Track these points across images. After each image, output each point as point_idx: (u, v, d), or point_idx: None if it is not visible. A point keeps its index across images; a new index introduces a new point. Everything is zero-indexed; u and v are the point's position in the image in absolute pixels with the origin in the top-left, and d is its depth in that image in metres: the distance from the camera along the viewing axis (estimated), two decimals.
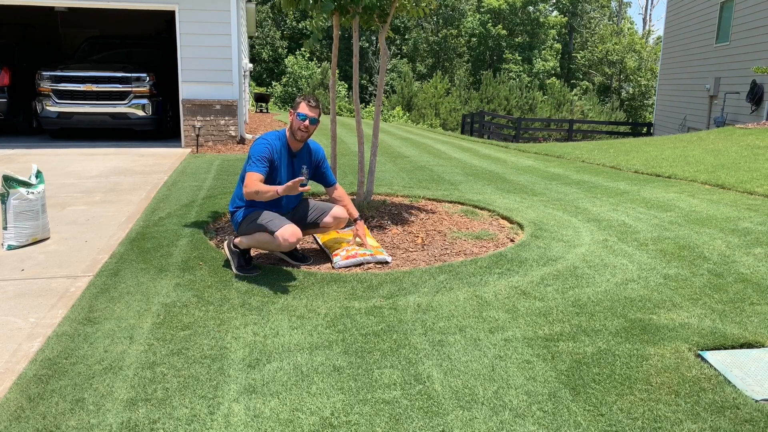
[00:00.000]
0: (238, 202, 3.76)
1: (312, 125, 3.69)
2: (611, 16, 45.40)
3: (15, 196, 4.15)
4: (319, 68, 30.19)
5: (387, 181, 6.76)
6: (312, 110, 3.68)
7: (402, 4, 4.82)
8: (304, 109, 3.67)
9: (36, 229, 4.27)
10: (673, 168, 7.70)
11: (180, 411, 2.21)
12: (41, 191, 4.31)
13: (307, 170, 3.87)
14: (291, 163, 3.78)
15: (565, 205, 5.69)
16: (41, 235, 4.33)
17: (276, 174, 3.70)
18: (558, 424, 2.15)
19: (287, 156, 3.76)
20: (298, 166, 3.82)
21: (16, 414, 2.18)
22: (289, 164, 3.77)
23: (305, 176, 3.83)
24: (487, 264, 3.83)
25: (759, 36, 12.80)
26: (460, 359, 2.60)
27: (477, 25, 40.18)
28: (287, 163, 3.76)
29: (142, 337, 2.79)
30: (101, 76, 9.53)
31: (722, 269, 3.76)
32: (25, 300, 3.26)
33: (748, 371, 2.51)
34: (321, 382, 2.42)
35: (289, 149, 3.77)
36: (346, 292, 3.36)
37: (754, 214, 5.11)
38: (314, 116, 3.68)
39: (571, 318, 3.03)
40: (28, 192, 4.21)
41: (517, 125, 19.88)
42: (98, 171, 7.28)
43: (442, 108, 28.50)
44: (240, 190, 3.71)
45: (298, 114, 3.67)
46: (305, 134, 3.71)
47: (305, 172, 3.85)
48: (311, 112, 3.67)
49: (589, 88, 37.13)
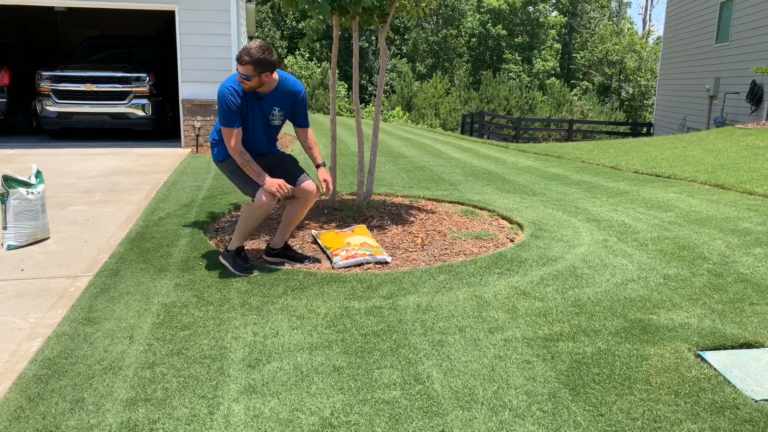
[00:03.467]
0: (217, 135, 3.74)
1: (249, 81, 3.52)
2: (611, 16, 45.39)
3: (15, 196, 4.15)
4: (319, 68, 30.19)
5: (387, 181, 6.76)
6: (243, 68, 3.47)
7: (402, 4, 4.82)
8: (239, 68, 3.51)
9: (36, 229, 4.27)
10: (672, 168, 7.70)
11: (180, 411, 2.21)
12: (41, 191, 4.31)
13: (280, 111, 3.74)
14: (259, 106, 3.66)
15: (564, 205, 5.69)
16: (41, 235, 4.33)
17: (243, 119, 3.61)
18: (558, 424, 2.15)
19: (254, 100, 3.64)
20: (268, 108, 3.69)
21: (15, 414, 2.18)
22: (256, 107, 3.65)
23: (278, 118, 3.73)
24: (486, 264, 3.84)
25: (759, 36, 12.80)
26: (460, 359, 2.61)
27: (477, 25, 40.17)
28: (254, 106, 3.65)
29: (141, 337, 2.79)
30: (101, 76, 9.53)
31: (722, 269, 3.76)
32: (25, 300, 3.26)
33: (748, 371, 2.51)
34: (321, 382, 2.42)
35: (255, 92, 3.64)
36: (346, 292, 3.36)
37: (753, 215, 5.11)
38: (245, 74, 3.48)
39: (571, 318, 3.03)
40: (28, 192, 4.21)
41: (516, 125, 19.88)
42: (98, 171, 7.27)
43: (442, 108, 28.49)
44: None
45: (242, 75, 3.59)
46: (246, 87, 3.57)
47: (277, 113, 3.73)
48: (243, 71, 3.49)
49: (588, 88, 37.12)
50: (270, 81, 3.61)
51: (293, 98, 3.79)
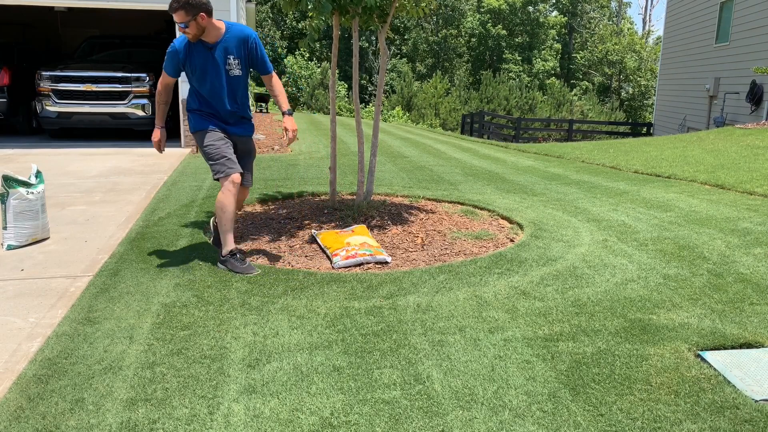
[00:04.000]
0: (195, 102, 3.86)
1: (187, 29, 3.59)
2: (611, 16, 45.39)
3: (15, 196, 4.15)
4: (318, 68, 30.18)
5: (387, 181, 6.76)
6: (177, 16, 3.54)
7: (402, 4, 4.82)
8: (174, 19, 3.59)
9: (36, 229, 4.27)
10: (672, 168, 7.70)
11: (180, 411, 2.21)
12: (41, 191, 4.31)
13: (235, 59, 3.75)
14: (212, 56, 3.69)
15: (564, 205, 5.69)
16: (41, 234, 4.33)
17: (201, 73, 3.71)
18: (558, 424, 2.15)
19: (205, 50, 3.67)
20: (222, 57, 3.70)
21: (15, 414, 2.18)
22: (209, 58, 3.69)
23: (235, 67, 3.74)
24: (486, 264, 3.84)
25: (759, 36, 12.80)
26: (460, 359, 2.61)
27: (477, 25, 40.18)
28: (207, 57, 3.68)
29: (141, 337, 2.79)
30: (101, 76, 9.53)
31: (722, 269, 3.76)
32: (25, 300, 3.26)
33: (748, 371, 2.51)
34: (321, 382, 2.42)
35: (202, 43, 3.67)
36: (346, 292, 3.36)
37: (753, 214, 5.11)
38: (181, 21, 3.55)
39: (571, 318, 3.03)
40: (28, 192, 4.21)
41: (516, 125, 19.88)
42: (98, 171, 7.27)
43: (442, 108, 28.50)
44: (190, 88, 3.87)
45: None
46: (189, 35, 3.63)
47: (233, 62, 3.74)
48: (178, 19, 3.56)
49: (588, 88, 37.12)
50: (211, 27, 3.67)
51: (244, 43, 3.77)
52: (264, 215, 5.05)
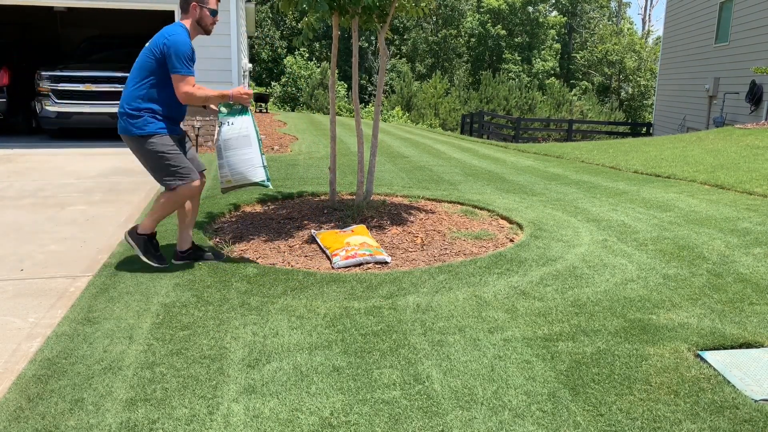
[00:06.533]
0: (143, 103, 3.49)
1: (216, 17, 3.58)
2: (611, 16, 45.40)
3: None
4: (318, 68, 30.17)
5: (386, 181, 6.76)
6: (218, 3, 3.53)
7: (401, 4, 4.82)
8: (215, 4, 3.52)
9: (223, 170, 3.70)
10: (672, 168, 7.71)
11: (179, 411, 2.21)
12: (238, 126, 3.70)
13: None
14: None
15: (564, 205, 5.70)
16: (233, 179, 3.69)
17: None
18: (557, 424, 2.15)
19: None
20: None
21: (15, 414, 2.18)
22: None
23: None
24: (486, 264, 3.84)
25: (758, 36, 12.80)
26: (460, 359, 2.61)
27: (476, 25, 40.17)
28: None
29: (141, 337, 2.79)
30: (100, 76, 9.52)
31: (721, 269, 3.76)
32: (25, 300, 3.26)
33: (748, 371, 2.51)
34: (320, 382, 2.42)
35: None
36: (346, 292, 3.36)
37: (753, 214, 5.11)
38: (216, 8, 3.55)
39: (571, 318, 3.03)
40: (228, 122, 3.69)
41: (516, 125, 19.88)
42: (98, 171, 7.27)
43: (442, 108, 28.49)
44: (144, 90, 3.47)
45: (211, 10, 3.56)
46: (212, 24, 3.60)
47: None
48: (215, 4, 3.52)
49: (588, 88, 37.11)
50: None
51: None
52: (263, 215, 5.05)
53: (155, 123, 3.52)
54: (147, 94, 3.49)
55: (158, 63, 3.46)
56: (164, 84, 3.50)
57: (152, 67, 3.47)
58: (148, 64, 3.48)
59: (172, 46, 3.43)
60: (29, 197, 5.75)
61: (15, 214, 5.12)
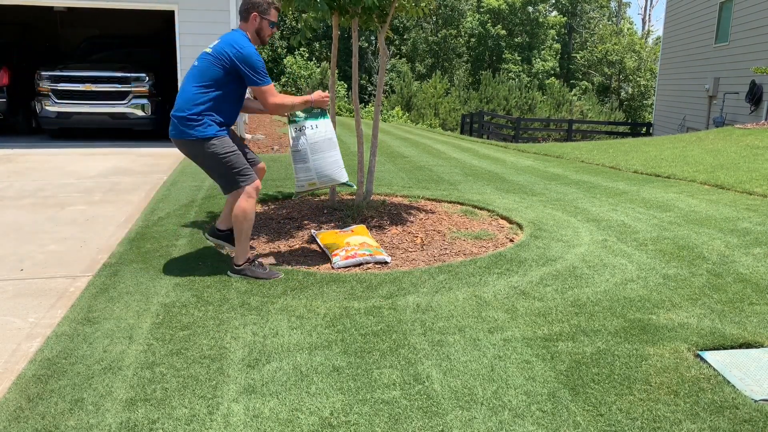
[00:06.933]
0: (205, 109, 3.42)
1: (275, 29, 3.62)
2: (611, 16, 45.39)
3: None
4: (318, 68, 30.18)
5: (386, 181, 6.76)
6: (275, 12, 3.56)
7: (401, 4, 4.82)
8: (275, 16, 3.54)
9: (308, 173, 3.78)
10: (672, 168, 7.71)
11: (179, 411, 2.21)
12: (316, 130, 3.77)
13: None
14: None
15: (564, 205, 5.70)
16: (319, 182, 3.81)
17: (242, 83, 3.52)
18: (557, 424, 2.15)
19: None
20: None
21: (15, 414, 2.18)
22: None
23: None
24: (486, 264, 3.84)
25: (758, 36, 12.81)
26: (460, 359, 2.61)
27: (476, 25, 40.16)
28: None
29: (141, 337, 2.79)
30: (100, 76, 9.52)
31: (721, 269, 3.76)
32: (25, 300, 3.26)
33: (747, 371, 2.51)
34: (320, 382, 2.42)
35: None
36: (346, 292, 3.36)
37: (753, 215, 5.11)
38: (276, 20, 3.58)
39: (571, 318, 3.04)
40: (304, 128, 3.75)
41: (516, 125, 19.89)
42: (97, 171, 7.27)
43: (442, 108, 28.49)
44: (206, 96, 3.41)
45: (271, 22, 3.57)
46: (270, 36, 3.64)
47: None
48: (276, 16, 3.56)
49: (588, 88, 37.10)
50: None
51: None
52: (264, 215, 5.05)
53: (214, 126, 3.46)
54: (209, 100, 3.42)
55: (225, 72, 3.42)
56: (228, 92, 3.49)
57: (217, 75, 3.42)
58: (213, 72, 3.42)
59: (247, 58, 3.40)
60: (29, 197, 5.75)
61: (15, 214, 5.12)
